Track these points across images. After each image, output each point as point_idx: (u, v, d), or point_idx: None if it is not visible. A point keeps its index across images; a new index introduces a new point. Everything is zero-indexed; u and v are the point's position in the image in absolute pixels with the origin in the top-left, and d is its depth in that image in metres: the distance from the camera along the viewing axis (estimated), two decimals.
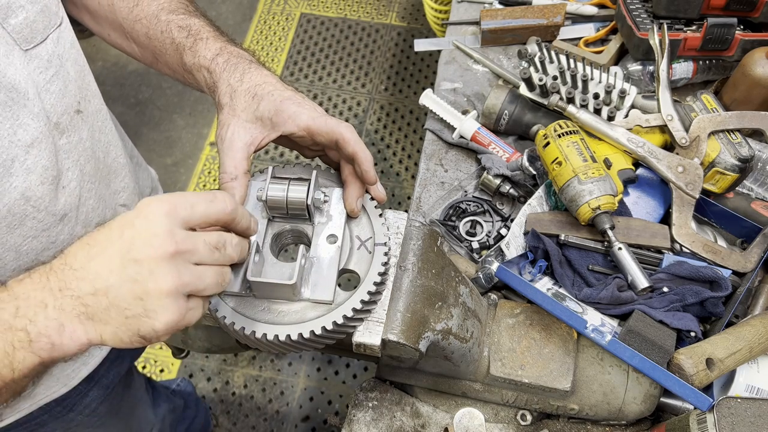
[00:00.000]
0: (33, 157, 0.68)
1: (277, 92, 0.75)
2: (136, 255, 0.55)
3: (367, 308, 0.69)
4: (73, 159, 0.76)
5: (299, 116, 0.73)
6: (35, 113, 0.68)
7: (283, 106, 0.73)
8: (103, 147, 0.85)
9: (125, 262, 0.55)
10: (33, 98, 0.68)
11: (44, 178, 0.70)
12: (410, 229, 0.76)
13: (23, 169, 0.68)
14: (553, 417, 0.89)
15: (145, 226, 0.56)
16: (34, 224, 0.72)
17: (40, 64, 0.70)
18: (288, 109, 0.73)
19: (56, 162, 0.72)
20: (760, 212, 0.96)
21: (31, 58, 0.69)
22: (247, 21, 2.94)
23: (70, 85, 0.75)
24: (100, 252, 0.56)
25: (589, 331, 0.80)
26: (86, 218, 0.81)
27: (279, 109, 0.73)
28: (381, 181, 2.49)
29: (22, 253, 0.72)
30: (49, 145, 0.70)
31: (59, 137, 0.73)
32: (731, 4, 1.08)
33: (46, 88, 0.71)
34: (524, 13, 1.26)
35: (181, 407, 1.70)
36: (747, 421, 0.71)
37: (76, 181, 0.77)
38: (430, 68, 2.76)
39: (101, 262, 0.56)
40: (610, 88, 1.05)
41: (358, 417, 0.85)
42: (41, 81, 0.70)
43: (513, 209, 1.08)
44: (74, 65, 0.77)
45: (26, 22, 0.67)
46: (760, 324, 0.82)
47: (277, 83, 0.77)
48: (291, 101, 0.74)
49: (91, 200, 0.81)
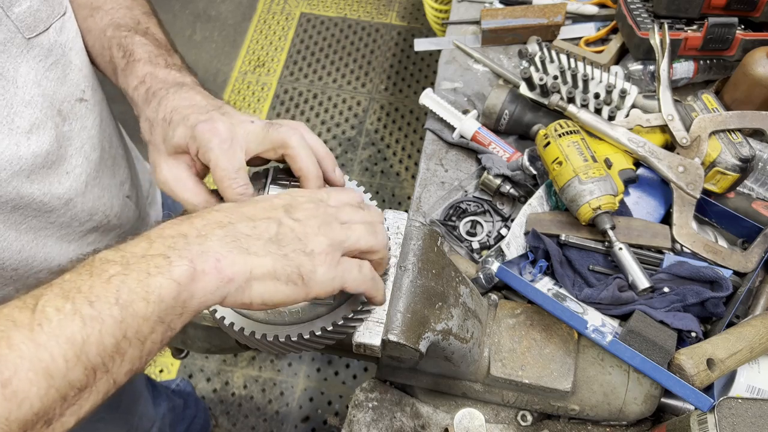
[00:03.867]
0: (34, 142, 0.69)
1: (193, 115, 0.65)
2: (291, 208, 0.57)
3: (367, 309, 0.69)
4: (77, 146, 0.77)
5: (210, 143, 0.64)
6: (27, 101, 0.68)
7: (197, 131, 0.64)
8: (108, 137, 0.86)
9: (280, 208, 0.56)
10: (24, 86, 0.68)
11: (47, 161, 0.71)
12: (410, 229, 0.76)
13: (29, 153, 0.69)
14: (553, 417, 0.88)
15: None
16: (38, 206, 0.73)
17: (41, 52, 0.71)
18: (202, 136, 0.63)
19: (58, 147, 0.73)
20: (760, 212, 0.96)
21: (32, 47, 0.70)
22: (247, 21, 2.94)
23: (71, 74, 0.76)
24: (256, 205, 0.56)
25: (590, 331, 0.79)
26: (92, 206, 0.82)
27: (193, 136, 0.64)
28: (381, 180, 2.50)
29: (21, 231, 0.73)
30: (50, 130, 0.71)
31: (62, 123, 0.74)
32: (732, 4, 1.07)
33: (45, 76, 0.72)
34: (525, 12, 1.26)
35: (181, 407, 1.71)
36: (748, 421, 0.71)
37: (81, 167, 0.78)
38: (430, 68, 2.76)
39: (252, 207, 0.56)
40: (610, 87, 1.05)
41: (358, 417, 0.85)
42: (41, 68, 0.71)
43: (513, 209, 1.08)
44: (79, 55, 0.78)
45: (30, 10, 0.68)
46: (761, 324, 0.81)
47: (198, 103, 0.67)
48: (207, 124, 0.64)
49: (96, 188, 0.82)
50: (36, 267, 0.77)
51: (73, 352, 0.43)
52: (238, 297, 0.52)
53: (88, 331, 0.43)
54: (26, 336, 0.42)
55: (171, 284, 0.48)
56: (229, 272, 0.51)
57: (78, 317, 0.44)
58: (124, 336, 0.45)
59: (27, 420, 0.41)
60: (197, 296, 0.50)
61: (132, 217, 0.95)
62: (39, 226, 0.75)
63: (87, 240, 0.84)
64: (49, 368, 0.42)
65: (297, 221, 0.57)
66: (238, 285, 0.51)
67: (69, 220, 0.78)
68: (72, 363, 0.43)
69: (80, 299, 0.44)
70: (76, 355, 0.43)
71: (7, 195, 0.69)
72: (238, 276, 0.51)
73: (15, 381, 0.40)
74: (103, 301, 0.45)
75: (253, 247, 0.53)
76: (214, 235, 0.52)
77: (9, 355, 0.41)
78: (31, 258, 0.76)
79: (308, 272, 0.55)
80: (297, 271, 0.54)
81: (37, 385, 0.41)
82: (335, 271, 0.57)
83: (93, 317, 0.44)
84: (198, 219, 0.53)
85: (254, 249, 0.52)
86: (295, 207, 0.59)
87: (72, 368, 0.43)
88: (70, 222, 0.79)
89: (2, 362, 0.41)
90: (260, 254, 0.53)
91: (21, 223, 0.72)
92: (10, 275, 0.76)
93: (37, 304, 0.44)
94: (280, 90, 2.72)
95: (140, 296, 0.46)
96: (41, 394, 0.41)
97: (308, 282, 0.55)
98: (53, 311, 0.43)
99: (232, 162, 0.64)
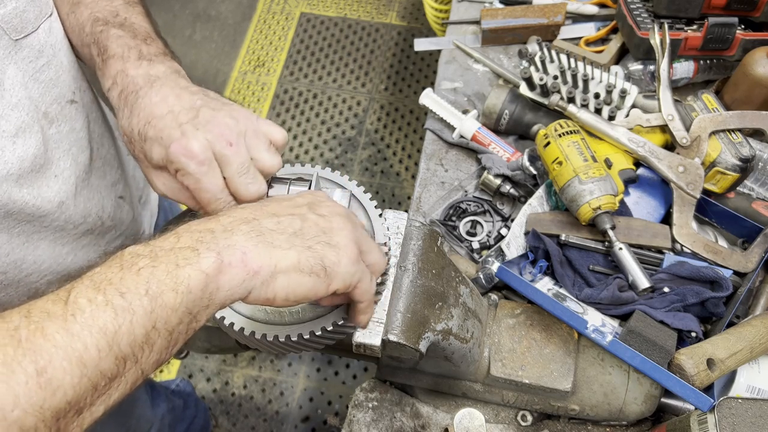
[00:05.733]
0: (20, 146, 0.68)
1: (166, 131, 0.62)
2: (314, 205, 0.60)
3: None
4: (64, 149, 0.76)
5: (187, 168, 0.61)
6: (14, 104, 0.67)
7: (171, 154, 0.61)
8: (97, 138, 0.84)
9: (304, 206, 0.58)
10: (12, 88, 0.67)
11: (34, 165, 0.70)
12: (410, 229, 0.76)
13: (15, 157, 0.68)
14: (553, 417, 0.88)
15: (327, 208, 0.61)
16: (30, 210, 0.72)
17: (31, 54, 0.70)
18: (177, 160, 0.61)
19: (45, 151, 0.72)
20: (760, 212, 0.96)
21: (21, 48, 0.69)
22: (247, 20, 2.94)
23: (63, 74, 0.75)
24: (272, 201, 0.58)
25: (590, 331, 0.79)
26: (84, 208, 0.81)
27: (169, 159, 0.62)
28: (381, 180, 2.50)
29: (13, 235, 0.72)
30: (37, 134, 0.70)
31: (48, 127, 0.73)
32: (732, 4, 1.07)
33: (35, 78, 0.71)
34: (525, 12, 1.25)
35: (181, 407, 1.70)
36: (748, 421, 0.71)
37: (70, 170, 0.76)
38: (430, 68, 2.76)
39: (276, 205, 0.57)
40: (610, 87, 1.04)
41: (358, 417, 0.85)
42: (30, 70, 0.70)
43: (513, 209, 1.08)
44: (68, 55, 0.77)
45: (15, 11, 0.67)
46: (761, 324, 0.81)
47: (173, 107, 0.63)
48: (180, 144, 0.61)
49: (86, 190, 0.81)
50: (26, 270, 0.77)
51: (105, 341, 0.43)
52: (262, 292, 0.53)
53: (119, 322, 0.44)
54: (60, 326, 0.43)
55: (199, 275, 0.48)
56: (255, 265, 0.52)
57: (110, 308, 0.44)
58: (154, 326, 0.46)
59: (60, 408, 0.42)
60: (223, 288, 0.50)
61: (126, 218, 0.94)
62: (31, 231, 0.74)
63: (81, 243, 0.84)
64: (83, 357, 0.42)
65: (321, 216, 0.59)
66: (263, 278, 0.52)
67: (63, 223, 0.77)
68: (104, 353, 0.43)
69: (111, 290, 0.45)
70: (108, 345, 0.44)
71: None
72: (263, 269, 0.52)
73: (50, 369, 0.41)
74: (133, 292, 0.46)
75: (278, 240, 0.54)
76: (240, 231, 0.53)
77: (44, 345, 0.42)
78: (20, 261, 0.75)
79: (332, 264, 0.56)
80: (320, 263, 0.55)
81: (71, 373, 0.42)
82: (356, 266, 0.59)
83: (124, 308, 0.45)
84: (224, 216, 0.55)
85: (278, 242, 0.54)
86: (318, 205, 0.61)
87: (104, 358, 0.43)
88: (64, 225, 0.78)
89: (37, 351, 0.41)
90: (284, 247, 0.54)
91: (13, 227, 0.71)
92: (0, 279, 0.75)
93: (70, 296, 0.44)
94: (279, 90, 2.72)
95: (169, 287, 0.47)
96: (74, 382, 0.42)
97: (330, 273, 0.56)
98: (86, 302, 0.44)
99: (213, 182, 0.63)
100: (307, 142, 2.58)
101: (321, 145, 2.58)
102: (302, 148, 2.57)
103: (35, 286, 0.79)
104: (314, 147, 2.57)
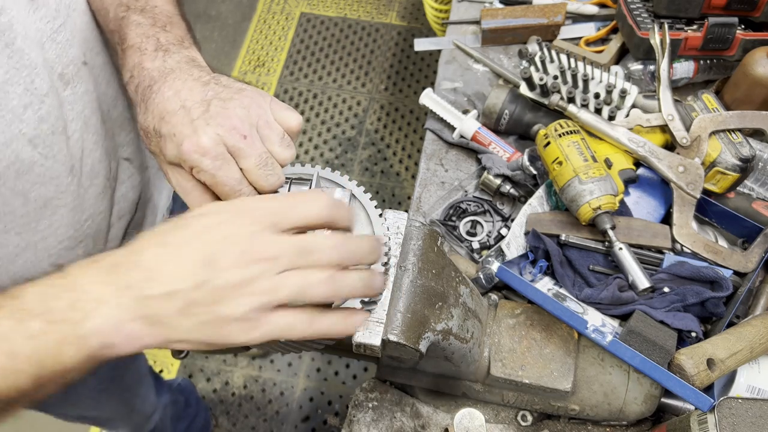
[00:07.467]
0: (47, 105, 0.68)
1: (178, 127, 0.60)
2: (214, 261, 0.51)
3: (367, 309, 0.69)
4: (77, 110, 0.75)
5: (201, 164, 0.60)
6: (31, 65, 0.67)
7: (183, 153, 0.60)
8: (109, 100, 0.84)
9: (201, 267, 0.51)
10: (29, 49, 0.66)
11: (55, 127, 0.70)
12: (410, 229, 0.76)
13: (36, 117, 0.67)
14: (553, 417, 0.88)
15: (227, 231, 0.51)
16: (42, 171, 0.71)
17: (48, 13, 0.69)
18: (190, 158, 0.60)
19: (62, 112, 0.72)
20: (761, 212, 0.96)
21: (38, 7, 0.68)
22: (247, 20, 2.94)
23: (77, 35, 0.74)
24: (174, 253, 0.51)
25: (590, 331, 0.79)
26: (91, 170, 0.80)
27: (182, 158, 0.61)
28: (381, 180, 2.50)
29: (30, 200, 0.72)
30: (53, 95, 0.70)
31: (63, 88, 0.73)
32: (732, 4, 1.07)
33: (53, 38, 0.70)
34: (525, 12, 1.26)
35: (183, 403, 1.71)
36: (748, 421, 0.71)
37: (80, 132, 0.76)
38: (430, 68, 2.76)
39: (175, 265, 0.51)
40: (610, 87, 1.04)
41: (358, 417, 0.85)
42: (48, 30, 0.69)
43: (513, 209, 1.08)
44: (82, 15, 0.76)
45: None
46: (761, 324, 0.81)
47: (185, 102, 0.61)
48: (191, 141, 0.60)
49: (96, 152, 0.80)
50: (41, 233, 0.75)
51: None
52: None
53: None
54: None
55: (83, 354, 0.50)
56: (143, 342, 0.51)
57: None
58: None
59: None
60: (111, 357, 0.52)
61: (130, 181, 0.91)
62: (48, 195, 0.73)
63: (99, 207, 0.82)
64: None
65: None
66: (158, 347, 0.53)
67: (75, 187, 0.76)
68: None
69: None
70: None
71: (7, 159, 0.66)
72: (154, 344, 0.52)
73: None
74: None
75: (168, 318, 0.51)
76: (135, 306, 0.51)
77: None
78: (35, 223, 0.74)
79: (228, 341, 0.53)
80: (217, 337, 0.52)
81: None
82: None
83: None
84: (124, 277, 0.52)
85: (169, 320, 0.51)
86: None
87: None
88: (77, 189, 0.76)
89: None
90: (174, 325, 0.51)
91: (29, 191, 0.70)
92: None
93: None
94: (280, 90, 2.72)
95: (54, 358, 0.50)
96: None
97: (235, 345, 0.53)
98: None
99: (231, 174, 0.61)
100: (307, 142, 2.58)
101: (321, 145, 2.58)
102: (302, 148, 2.57)
103: (55, 251, 0.78)
104: (314, 147, 2.57)
